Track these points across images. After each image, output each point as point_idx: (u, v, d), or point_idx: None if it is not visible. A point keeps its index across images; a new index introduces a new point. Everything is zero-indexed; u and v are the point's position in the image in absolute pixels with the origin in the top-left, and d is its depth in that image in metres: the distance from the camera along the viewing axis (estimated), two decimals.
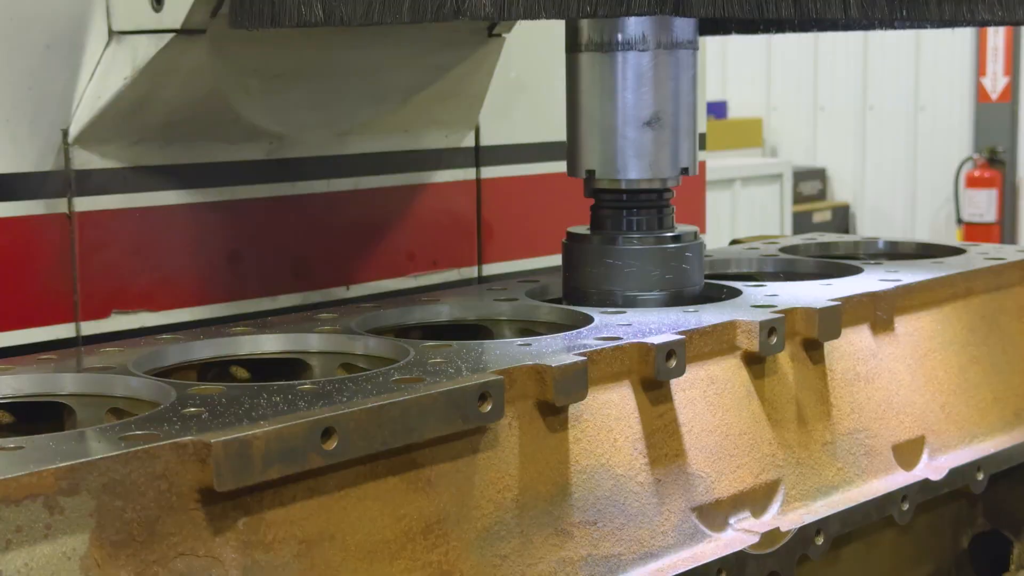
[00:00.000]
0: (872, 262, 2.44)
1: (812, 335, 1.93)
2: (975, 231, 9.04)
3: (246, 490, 1.30)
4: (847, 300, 2.02)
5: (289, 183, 2.23)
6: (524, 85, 2.59)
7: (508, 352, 1.67)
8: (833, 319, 1.94)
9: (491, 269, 2.62)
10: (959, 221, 9.19)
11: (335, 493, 1.39)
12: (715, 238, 6.67)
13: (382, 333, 1.99)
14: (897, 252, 2.67)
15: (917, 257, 2.57)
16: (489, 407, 1.50)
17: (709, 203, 3.32)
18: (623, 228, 2.05)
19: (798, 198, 9.15)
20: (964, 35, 9.03)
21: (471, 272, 2.59)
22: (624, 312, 1.93)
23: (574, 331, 1.81)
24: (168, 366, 1.74)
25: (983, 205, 9.10)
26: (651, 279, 2.02)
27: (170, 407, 1.41)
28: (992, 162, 9.06)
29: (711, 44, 9.43)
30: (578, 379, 1.60)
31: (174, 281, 2.09)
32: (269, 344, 1.82)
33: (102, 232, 1.99)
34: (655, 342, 1.71)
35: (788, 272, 2.46)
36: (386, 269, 2.42)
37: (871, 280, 2.19)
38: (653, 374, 1.71)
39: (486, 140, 2.56)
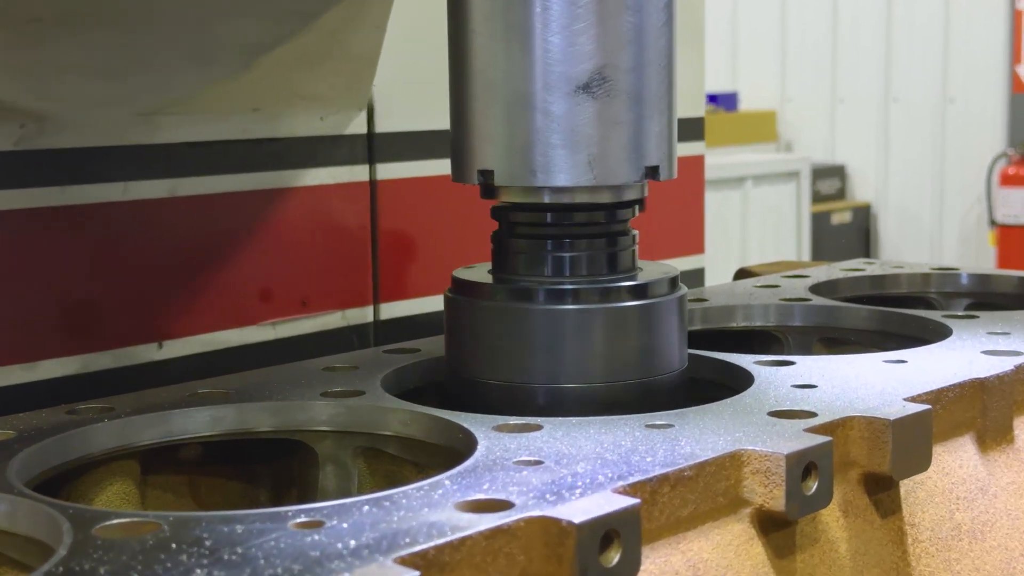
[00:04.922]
0: (960, 314, 1.57)
1: (881, 469, 1.07)
2: (1010, 234, 8.72)
3: None
4: (938, 397, 1.15)
5: (58, 187, 1.63)
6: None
7: (275, 550, 0.81)
8: (919, 438, 1.09)
9: (393, 310, 2.00)
10: (992, 223, 8.92)
11: None
12: (720, 251, 5.81)
13: (121, 457, 1.14)
14: (990, 291, 1.80)
15: (1021, 300, 1.70)
16: None
17: (715, 205, 2.49)
18: (546, 272, 1.20)
19: (815, 197, 9.15)
20: (998, 20, 8.78)
21: (363, 316, 1.96)
22: (539, 428, 1.07)
23: (430, 481, 0.94)
24: None
25: (1018, 205, 8.75)
26: (593, 363, 1.17)
27: None
28: None
29: (719, 29, 8.97)
30: None
31: None
32: None
33: None
34: (575, 520, 0.84)
35: (826, 328, 1.62)
36: (226, 316, 1.82)
37: (969, 352, 1.34)
38: None
39: (384, 125, 1.95)
